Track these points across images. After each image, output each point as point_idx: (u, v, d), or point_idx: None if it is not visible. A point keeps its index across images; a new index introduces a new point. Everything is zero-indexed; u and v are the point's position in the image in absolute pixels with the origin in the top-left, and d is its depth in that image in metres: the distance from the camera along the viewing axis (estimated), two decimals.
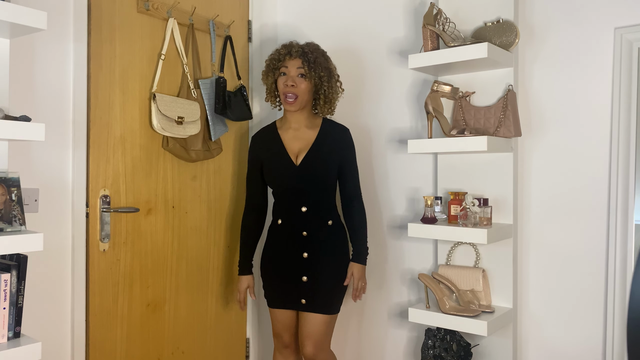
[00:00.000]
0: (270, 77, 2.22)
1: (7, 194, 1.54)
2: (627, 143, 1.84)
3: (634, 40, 1.83)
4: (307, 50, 2.15)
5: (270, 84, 2.25)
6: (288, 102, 2.14)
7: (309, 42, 2.22)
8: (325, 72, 2.16)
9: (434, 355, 2.06)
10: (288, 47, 2.18)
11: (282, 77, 2.16)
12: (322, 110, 2.22)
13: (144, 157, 2.17)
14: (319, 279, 2.13)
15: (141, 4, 2.14)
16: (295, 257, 2.14)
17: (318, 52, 2.18)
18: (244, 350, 2.64)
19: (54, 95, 1.89)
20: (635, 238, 1.84)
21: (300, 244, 2.14)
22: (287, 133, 2.21)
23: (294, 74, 2.14)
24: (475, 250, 2.09)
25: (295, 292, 2.14)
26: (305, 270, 2.13)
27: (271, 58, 2.21)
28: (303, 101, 2.16)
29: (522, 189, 2.07)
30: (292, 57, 2.14)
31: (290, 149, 2.18)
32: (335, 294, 2.17)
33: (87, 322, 1.98)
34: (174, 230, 2.29)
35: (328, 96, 2.19)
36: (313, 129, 2.21)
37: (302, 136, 2.20)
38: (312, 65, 2.13)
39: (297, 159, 2.16)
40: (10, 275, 1.55)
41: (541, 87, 2.02)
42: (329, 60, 2.22)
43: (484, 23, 2.06)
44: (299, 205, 2.14)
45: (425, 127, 2.28)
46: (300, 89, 2.13)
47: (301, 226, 2.14)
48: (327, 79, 2.17)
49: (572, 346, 1.96)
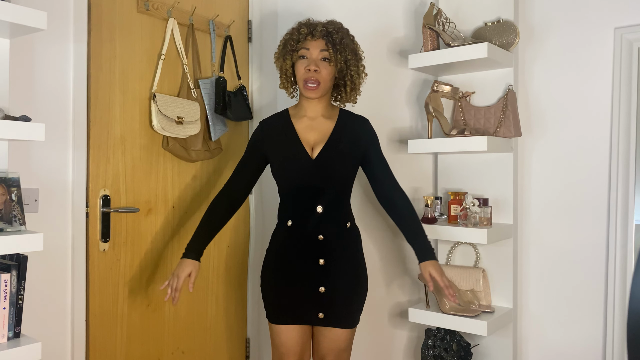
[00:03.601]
0: (288, 61, 1.90)
1: (7, 194, 1.54)
2: (627, 143, 1.84)
3: (634, 40, 1.83)
4: (331, 29, 1.86)
5: (287, 68, 1.93)
6: (309, 87, 1.85)
7: (332, 20, 1.92)
8: (352, 54, 1.88)
9: (434, 355, 2.06)
10: (309, 25, 1.88)
11: (302, 61, 1.87)
12: (348, 98, 1.96)
13: (144, 157, 2.17)
14: (339, 289, 1.86)
15: (141, 4, 2.14)
16: (309, 264, 1.85)
17: (343, 32, 1.90)
18: (244, 350, 2.64)
19: (54, 95, 1.89)
20: (635, 238, 1.84)
21: (316, 250, 1.85)
22: (301, 122, 1.93)
23: (317, 57, 1.85)
24: (475, 250, 2.09)
25: (310, 305, 1.85)
26: (323, 280, 1.84)
27: (288, 38, 1.90)
28: (325, 88, 1.88)
29: (522, 189, 2.07)
30: (315, 38, 1.85)
31: (305, 140, 1.90)
32: (356, 305, 1.92)
33: (87, 322, 1.98)
34: (174, 230, 2.29)
35: (355, 82, 1.92)
36: (330, 119, 1.94)
37: (318, 127, 1.92)
38: (337, 47, 1.85)
39: (312, 151, 1.88)
40: (10, 275, 1.55)
41: (541, 87, 2.02)
42: (355, 40, 1.94)
43: (484, 23, 2.06)
44: (314, 205, 1.85)
45: (425, 127, 2.28)
46: (322, 75, 1.85)
47: (316, 229, 1.85)
48: (355, 62, 1.90)
49: (572, 346, 1.96)
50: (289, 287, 1.88)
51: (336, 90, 1.99)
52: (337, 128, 1.92)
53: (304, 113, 1.95)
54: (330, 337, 1.89)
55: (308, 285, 1.86)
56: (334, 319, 1.87)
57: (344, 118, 1.95)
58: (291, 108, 2.00)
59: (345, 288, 1.88)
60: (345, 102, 2.00)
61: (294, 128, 1.92)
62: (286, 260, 1.89)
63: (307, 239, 1.87)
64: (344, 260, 1.88)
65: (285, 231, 1.91)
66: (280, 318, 1.89)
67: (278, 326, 1.90)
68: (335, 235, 1.88)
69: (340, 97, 2.00)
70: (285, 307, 1.89)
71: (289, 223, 1.89)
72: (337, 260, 1.87)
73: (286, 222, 1.90)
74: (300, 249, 1.87)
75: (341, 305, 1.87)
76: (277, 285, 1.90)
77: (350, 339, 1.93)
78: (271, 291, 1.92)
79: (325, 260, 1.85)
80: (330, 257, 1.86)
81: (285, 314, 1.89)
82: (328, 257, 1.86)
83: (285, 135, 1.92)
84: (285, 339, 1.89)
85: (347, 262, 1.90)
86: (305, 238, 1.87)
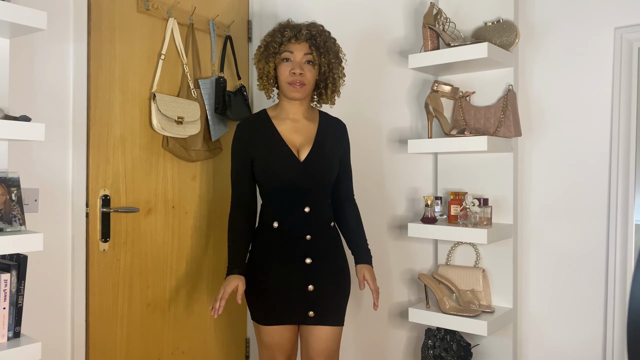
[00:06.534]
0: (271, 63, 1.91)
1: (7, 194, 1.54)
2: (627, 143, 1.84)
3: (634, 40, 1.83)
4: (314, 32, 1.90)
5: (269, 70, 1.93)
6: (295, 88, 1.88)
7: (312, 22, 1.96)
8: (334, 57, 1.93)
9: (434, 355, 2.06)
10: (293, 28, 1.90)
11: (286, 64, 1.89)
12: (329, 100, 2.00)
13: (144, 157, 2.17)
14: (327, 286, 1.89)
15: (141, 4, 2.14)
16: (297, 264, 1.87)
17: (326, 35, 1.94)
18: (244, 350, 2.64)
19: (54, 95, 1.89)
20: (635, 238, 1.84)
21: (303, 250, 1.88)
22: (284, 124, 1.94)
23: (301, 60, 1.88)
24: (475, 250, 2.09)
25: (300, 304, 1.87)
26: (311, 278, 1.87)
27: (271, 40, 1.92)
28: (309, 89, 1.92)
29: (522, 189, 2.07)
30: (299, 41, 1.88)
31: (291, 142, 1.91)
32: (343, 302, 1.97)
33: (87, 322, 1.98)
34: (174, 230, 2.29)
35: (336, 83, 1.97)
36: (312, 121, 1.98)
37: (302, 129, 1.95)
38: (321, 51, 1.89)
39: (299, 154, 1.91)
40: (10, 275, 1.55)
41: (541, 87, 2.02)
42: (336, 42, 1.98)
43: (484, 23, 2.06)
44: (302, 206, 1.88)
45: (425, 127, 2.28)
46: (307, 77, 1.89)
47: (304, 229, 1.89)
48: (337, 65, 1.94)
49: (572, 346, 1.96)
50: (277, 288, 1.88)
51: (316, 91, 2.02)
52: (320, 130, 1.97)
53: (286, 115, 1.96)
54: (321, 337, 1.90)
55: (297, 284, 1.87)
56: (325, 316, 1.89)
57: (325, 120, 2.01)
58: (270, 109, 2.01)
59: (332, 285, 1.92)
60: (325, 104, 2.03)
61: (276, 130, 1.93)
62: (274, 261, 1.90)
63: (295, 240, 1.89)
64: (329, 259, 1.92)
65: (270, 232, 1.91)
66: (270, 319, 1.89)
67: (268, 327, 1.89)
68: (322, 234, 1.92)
69: (320, 98, 2.03)
70: (275, 307, 1.88)
71: (274, 224, 1.90)
72: (323, 258, 1.90)
73: (271, 224, 1.91)
74: (287, 250, 1.89)
75: (330, 303, 1.91)
76: (265, 287, 1.90)
77: (339, 338, 1.95)
78: (260, 294, 1.91)
79: (312, 259, 1.88)
80: (317, 255, 1.89)
81: (275, 314, 1.88)
82: (315, 255, 1.89)
83: (267, 137, 1.92)
84: (278, 339, 1.90)
85: (332, 260, 1.94)
86: (293, 239, 1.89)
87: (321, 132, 1.96)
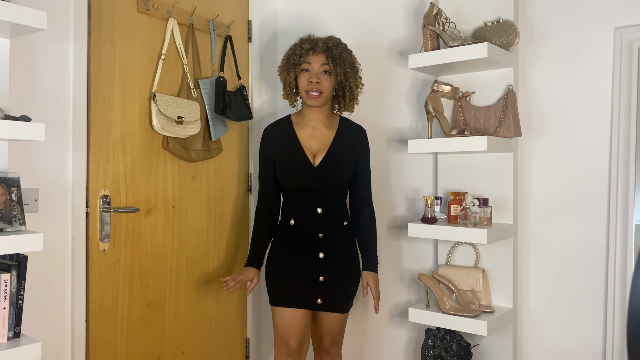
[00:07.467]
0: (291, 74, 2.11)
1: (7, 194, 1.54)
2: (627, 143, 1.84)
3: (634, 40, 1.83)
4: (331, 45, 2.07)
5: (290, 81, 2.13)
6: (312, 96, 2.06)
7: (331, 36, 2.14)
8: (350, 67, 2.08)
9: (434, 355, 2.06)
10: (311, 42, 2.08)
11: (305, 74, 2.08)
12: (347, 107, 2.16)
13: (144, 157, 2.17)
14: (336, 278, 2.08)
15: (141, 4, 2.14)
16: (311, 257, 2.07)
17: (342, 47, 2.10)
18: (244, 350, 2.64)
19: (54, 96, 1.89)
20: (635, 238, 1.84)
21: (316, 245, 2.07)
22: (304, 130, 2.12)
23: (318, 70, 2.06)
24: (475, 250, 2.09)
25: (311, 292, 2.07)
26: (322, 270, 2.07)
27: (291, 53, 2.11)
28: (326, 97, 2.09)
29: (522, 189, 2.07)
30: (316, 53, 2.05)
31: (308, 148, 2.10)
32: (350, 293, 2.15)
33: (87, 322, 1.98)
34: (174, 230, 2.29)
35: (353, 92, 2.12)
36: (331, 128, 2.14)
37: (320, 135, 2.12)
38: (337, 61, 2.05)
39: (314, 159, 2.08)
40: (10, 275, 1.55)
41: (541, 87, 2.02)
42: (352, 54, 2.14)
43: (484, 23, 2.06)
44: (314, 207, 2.08)
45: (425, 127, 2.28)
46: (324, 86, 2.05)
47: (317, 228, 2.08)
48: (353, 74, 2.09)
49: (572, 346, 1.96)
50: (292, 277, 2.09)
51: (336, 100, 2.19)
52: (337, 137, 2.12)
53: (307, 122, 2.14)
54: (328, 320, 2.13)
55: (309, 275, 2.07)
56: (332, 305, 2.09)
57: (344, 127, 2.16)
58: (293, 115, 2.20)
59: (342, 278, 2.11)
60: (344, 111, 2.19)
61: (296, 135, 2.12)
62: (290, 253, 2.11)
63: (308, 237, 2.09)
64: (341, 254, 2.10)
65: (288, 228, 2.12)
66: (284, 301, 2.09)
67: (281, 309, 2.09)
68: (334, 233, 2.10)
69: (340, 106, 2.19)
70: (289, 292, 2.09)
71: (291, 222, 2.11)
72: (335, 254, 2.09)
73: (289, 221, 2.12)
74: (302, 245, 2.09)
75: (337, 293, 2.10)
76: (281, 274, 2.11)
77: (344, 322, 2.18)
78: (277, 279, 2.12)
79: (324, 254, 2.07)
80: (329, 251, 2.08)
81: (288, 297, 2.09)
82: (327, 251, 2.08)
83: (288, 142, 2.12)
84: (288, 320, 2.08)
85: (344, 256, 2.12)
86: (307, 236, 2.09)
87: (338, 139, 2.12)
